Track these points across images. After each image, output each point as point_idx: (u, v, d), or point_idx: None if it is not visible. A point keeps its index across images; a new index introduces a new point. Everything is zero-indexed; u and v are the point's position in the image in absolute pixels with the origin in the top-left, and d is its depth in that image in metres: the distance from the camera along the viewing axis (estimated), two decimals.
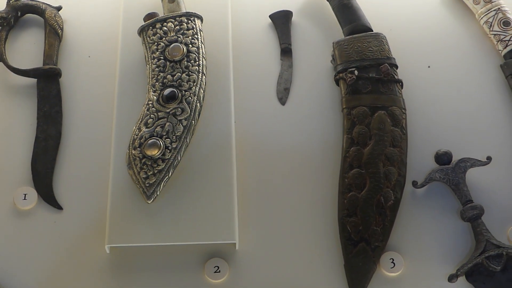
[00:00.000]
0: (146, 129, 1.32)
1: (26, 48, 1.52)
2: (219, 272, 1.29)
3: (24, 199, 1.34)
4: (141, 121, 1.34)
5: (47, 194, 1.35)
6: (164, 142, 1.31)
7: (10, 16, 1.51)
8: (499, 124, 1.46)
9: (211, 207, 1.31)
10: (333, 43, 1.49)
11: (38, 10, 1.54)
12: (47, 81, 1.46)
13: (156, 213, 1.30)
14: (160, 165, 1.29)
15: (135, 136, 1.32)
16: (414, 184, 1.36)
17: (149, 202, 1.29)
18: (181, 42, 1.41)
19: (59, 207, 1.35)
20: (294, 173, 1.40)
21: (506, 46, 1.50)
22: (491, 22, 1.53)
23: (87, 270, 1.29)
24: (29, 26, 1.55)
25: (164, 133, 1.31)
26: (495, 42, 1.53)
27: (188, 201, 1.31)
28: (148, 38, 1.43)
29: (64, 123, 1.44)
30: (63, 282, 1.28)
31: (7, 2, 1.53)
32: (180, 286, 1.28)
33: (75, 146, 1.41)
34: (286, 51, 1.54)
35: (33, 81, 1.47)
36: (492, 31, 1.53)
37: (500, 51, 1.52)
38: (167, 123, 1.32)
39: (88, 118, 1.45)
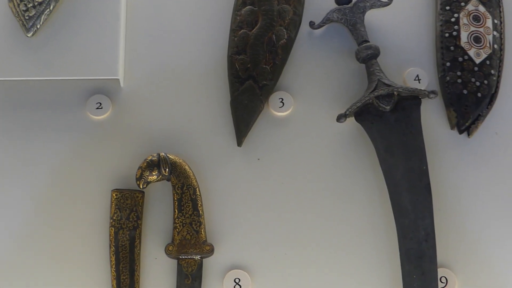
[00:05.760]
0: None
1: None
2: (101, 108, 1.25)
3: None
4: None
5: None
6: None
7: None
8: None
9: (95, 42, 1.26)
10: None
11: None
12: None
13: (37, 47, 1.25)
14: None
15: None
16: (311, 24, 1.31)
17: (28, 35, 1.24)
18: None
19: None
20: (186, 12, 1.34)
21: None
22: None
23: None
24: None
25: None
26: None
27: (71, 36, 1.26)
28: None
29: None
30: None
31: None
32: (61, 122, 1.25)
33: None
34: None
35: None
36: None
37: None
38: None
39: None
